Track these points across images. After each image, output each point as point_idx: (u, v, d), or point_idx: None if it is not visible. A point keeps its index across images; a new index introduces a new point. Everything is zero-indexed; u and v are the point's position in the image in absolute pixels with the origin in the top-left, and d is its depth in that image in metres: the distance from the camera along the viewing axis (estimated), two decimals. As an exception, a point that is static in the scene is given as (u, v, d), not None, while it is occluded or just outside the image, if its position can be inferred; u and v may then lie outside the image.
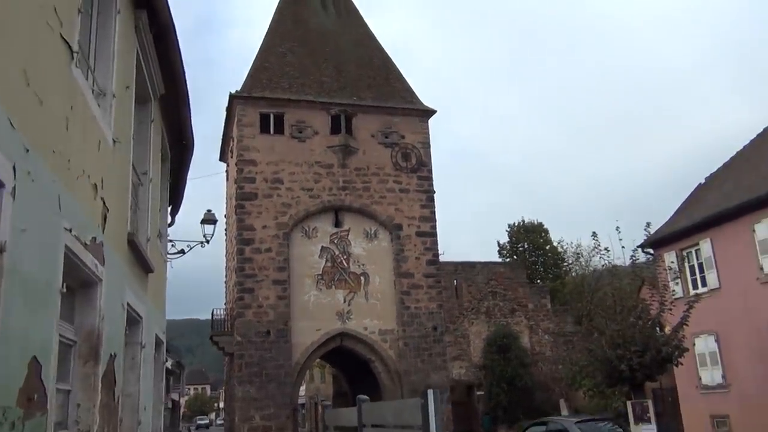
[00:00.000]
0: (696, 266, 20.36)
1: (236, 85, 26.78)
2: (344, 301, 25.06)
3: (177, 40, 7.78)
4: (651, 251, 21.88)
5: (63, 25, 4.14)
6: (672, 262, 20.56)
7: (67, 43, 4.24)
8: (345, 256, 25.56)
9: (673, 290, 18.24)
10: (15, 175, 3.22)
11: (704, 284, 19.88)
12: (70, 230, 4.27)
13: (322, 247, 25.48)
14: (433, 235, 26.57)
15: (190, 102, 9.58)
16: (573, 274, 38.06)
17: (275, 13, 29.78)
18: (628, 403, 15.58)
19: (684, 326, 16.05)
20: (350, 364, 27.40)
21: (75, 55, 4.38)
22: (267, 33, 28.85)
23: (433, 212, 26.87)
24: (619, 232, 17.12)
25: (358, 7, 31.50)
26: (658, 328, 16.39)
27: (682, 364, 16.75)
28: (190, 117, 10.02)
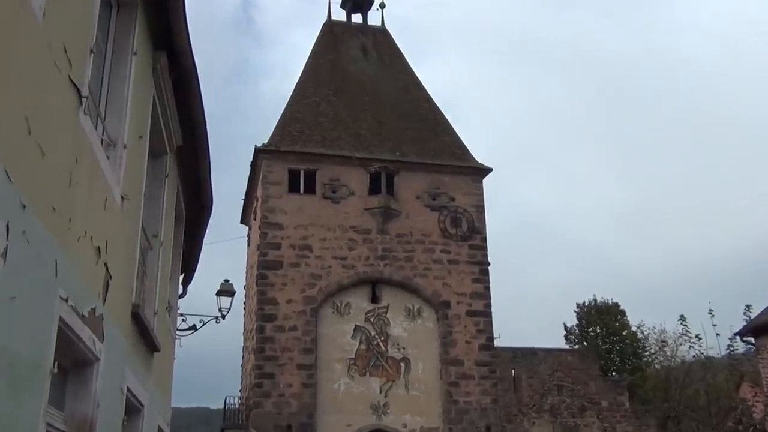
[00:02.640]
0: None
1: (264, 138, 27.32)
2: (380, 392, 24.65)
3: (199, 87, 7.97)
4: (752, 340, 20.99)
5: (72, 65, 4.22)
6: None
7: (76, 86, 4.32)
8: (382, 338, 25.33)
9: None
10: (8, 235, 3.22)
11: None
12: (67, 300, 4.26)
13: (356, 326, 25.33)
14: (487, 314, 26.21)
15: (210, 156, 9.75)
16: (656, 366, 36.75)
17: (309, 57, 30.75)
18: None
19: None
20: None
21: (84, 100, 4.46)
22: (299, 80, 29.70)
23: (488, 288, 26.63)
24: (713, 316, 16.56)
25: (403, 52, 32.36)
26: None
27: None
28: (209, 173, 10.18)
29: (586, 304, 44.52)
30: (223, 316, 16.58)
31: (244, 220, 31.92)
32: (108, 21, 5.85)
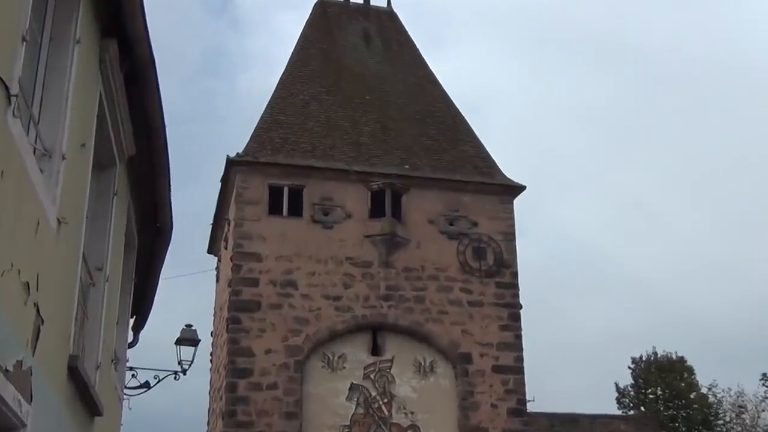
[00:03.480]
0: None
1: (240, 146, 27.28)
2: (383, 469, 24.56)
3: (157, 82, 8.02)
4: None
5: (-1, 57, 4.24)
6: None
7: (3, 82, 4.33)
8: (385, 400, 25.02)
9: None
10: None
11: None
12: (-14, 350, 4.25)
13: (353, 384, 25.03)
14: (518, 371, 25.97)
15: (171, 169, 9.79)
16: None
17: (297, 46, 30.80)
18: None
19: None
20: None
21: (13, 99, 4.47)
22: (284, 73, 29.72)
23: (519, 337, 26.38)
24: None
25: (414, 40, 32.42)
26: None
27: None
28: (169, 189, 10.23)
29: (644, 359, 44.11)
30: (184, 371, 16.51)
31: (212, 248, 31.78)
32: (44, 1, 5.84)
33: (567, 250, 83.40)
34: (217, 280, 30.56)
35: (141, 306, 12.86)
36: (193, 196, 66.12)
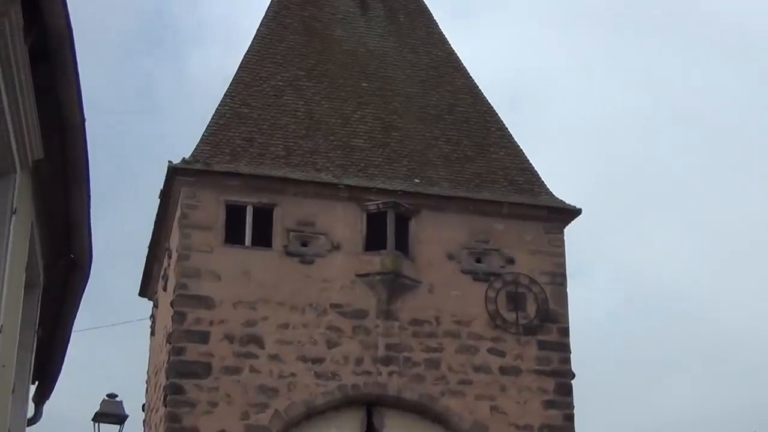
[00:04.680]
0: None
1: (187, 150, 27.01)
2: None
3: (76, 61, 8.09)
4: None
5: None
6: None
7: None
8: (385, 507, 25.17)
9: None
10: None
11: None
12: None
13: (339, 485, 25.16)
14: (568, 466, 26.09)
15: (91, 180, 9.83)
16: None
17: (267, 14, 30.69)
18: None
19: None
20: None
21: None
22: (249, 52, 29.57)
23: (570, 418, 26.15)
24: None
25: (431, 11, 32.57)
26: None
27: None
28: (88, 208, 10.24)
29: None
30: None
31: (146, 290, 31.78)
32: None
33: (640, 299, 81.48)
34: (153, 334, 30.33)
35: (46, 368, 12.83)
36: (121, 218, 65.24)
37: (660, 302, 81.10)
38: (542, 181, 28.82)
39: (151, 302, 31.24)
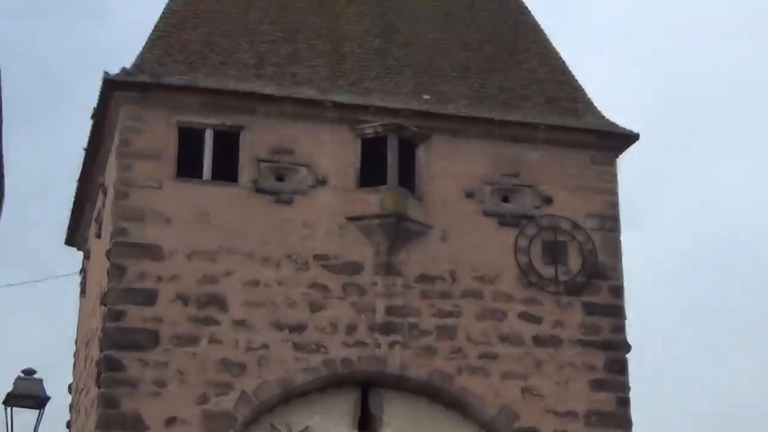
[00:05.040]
0: None
1: (127, 59, 26.02)
2: None
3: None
4: None
5: None
6: None
7: None
8: None
9: None
10: None
11: None
12: None
13: (326, 488, 24.10)
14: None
15: (2, 94, 10.69)
16: None
17: None
18: None
19: None
20: None
21: None
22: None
23: (626, 402, 25.20)
24: None
25: None
26: None
27: None
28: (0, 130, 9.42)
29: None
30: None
31: (74, 237, 32.21)
32: None
33: (714, 251, 77.77)
34: (83, 293, 30.56)
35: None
36: (49, 147, 64.29)
37: (740, 255, 77.07)
38: (588, 98, 28.19)
39: (81, 253, 31.38)
